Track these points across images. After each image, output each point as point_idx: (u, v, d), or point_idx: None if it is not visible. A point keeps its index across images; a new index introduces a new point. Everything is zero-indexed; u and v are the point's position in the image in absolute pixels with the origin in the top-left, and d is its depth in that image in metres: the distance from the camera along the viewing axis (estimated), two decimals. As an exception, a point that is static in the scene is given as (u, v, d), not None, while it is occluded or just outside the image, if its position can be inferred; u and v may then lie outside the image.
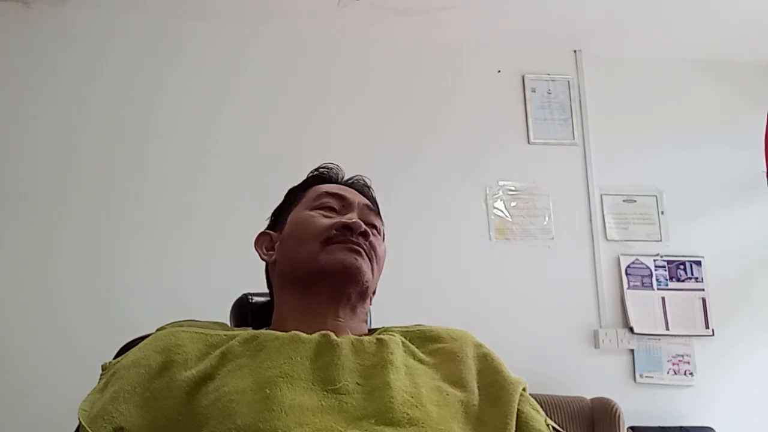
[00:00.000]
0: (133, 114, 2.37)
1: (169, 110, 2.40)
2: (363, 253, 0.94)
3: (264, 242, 1.04)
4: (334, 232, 0.94)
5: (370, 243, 0.96)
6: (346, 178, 1.08)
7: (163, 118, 2.39)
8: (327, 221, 0.96)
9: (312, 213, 0.99)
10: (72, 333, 2.11)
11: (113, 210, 2.27)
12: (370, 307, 1.04)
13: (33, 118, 2.30)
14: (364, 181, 1.09)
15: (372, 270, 0.96)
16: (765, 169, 1.51)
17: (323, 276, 0.92)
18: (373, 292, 1.02)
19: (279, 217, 1.06)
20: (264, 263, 1.06)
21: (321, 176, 1.08)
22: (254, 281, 1.12)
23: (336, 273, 0.92)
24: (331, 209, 1.00)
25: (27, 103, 2.30)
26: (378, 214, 1.05)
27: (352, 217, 0.97)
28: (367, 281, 0.94)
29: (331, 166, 1.09)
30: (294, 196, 1.06)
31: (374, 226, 1.01)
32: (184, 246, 2.28)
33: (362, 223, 0.96)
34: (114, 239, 2.24)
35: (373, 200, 1.07)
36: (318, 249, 0.93)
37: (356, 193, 1.04)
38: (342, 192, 1.02)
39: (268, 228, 1.08)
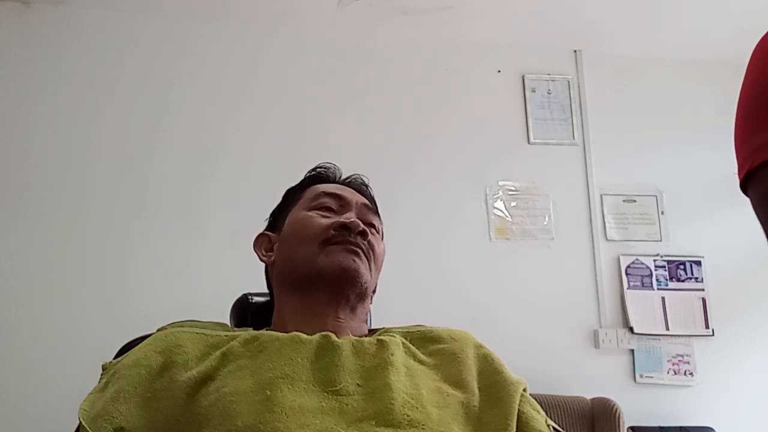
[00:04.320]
0: (133, 114, 2.37)
1: (169, 111, 2.39)
2: (361, 253, 0.94)
3: (263, 243, 1.04)
4: (333, 232, 0.94)
5: (369, 242, 0.96)
6: (343, 177, 1.08)
7: (163, 118, 2.38)
8: (325, 221, 0.96)
9: (310, 213, 0.98)
10: (72, 332, 2.11)
11: (115, 210, 2.27)
12: (370, 306, 1.04)
13: (33, 118, 2.29)
14: (361, 179, 1.08)
15: (370, 270, 0.96)
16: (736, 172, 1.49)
17: (322, 278, 0.92)
18: (374, 290, 1.02)
19: (277, 217, 1.06)
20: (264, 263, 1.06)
21: (318, 176, 1.07)
22: (254, 281, 1.12)
23: (334, 275, 0.92)
24: (329, 209, 0.99)
25: (27, 104, 2.30)
26: (376, 212, 1.05)
27: (350, 217, 0.96)
28: (365, 282, 0.94)
29: (329, 165, 1.08)
30: (292, 196, 1.06)
31: (372, 225, 1.01)
32: (185, 246, 2.28)
33: (360, 223, 0.96)
34: (116, 239, 2.24)
35: (371, 199, 1.07)
36: (317, 250, 0.93)
37: (354, 192, 1.04)
38: (340, 191, 1.02)
39: (266, 229, 1.07)
